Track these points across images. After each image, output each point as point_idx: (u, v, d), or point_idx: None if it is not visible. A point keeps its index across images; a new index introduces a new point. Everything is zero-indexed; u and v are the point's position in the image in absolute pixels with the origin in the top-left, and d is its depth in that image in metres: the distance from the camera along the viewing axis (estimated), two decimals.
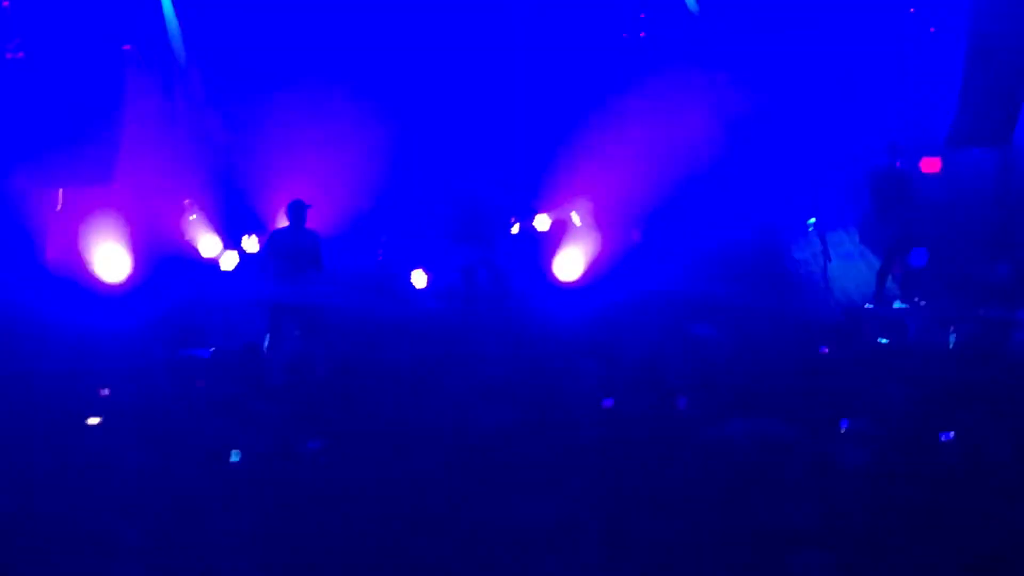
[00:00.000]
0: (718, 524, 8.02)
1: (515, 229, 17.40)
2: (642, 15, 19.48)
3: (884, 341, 13.71)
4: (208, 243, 18.24)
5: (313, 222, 14.75)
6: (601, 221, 18.48)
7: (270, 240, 14.66)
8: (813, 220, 17.59)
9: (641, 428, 9.90)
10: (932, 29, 18.17)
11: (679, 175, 18.01)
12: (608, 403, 10.50)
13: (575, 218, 18.63)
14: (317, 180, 17.54)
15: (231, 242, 18.21)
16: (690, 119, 18.20)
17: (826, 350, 12.97)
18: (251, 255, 17.89)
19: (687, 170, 18.06)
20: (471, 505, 8.33)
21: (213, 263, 18.03)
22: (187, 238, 18.24)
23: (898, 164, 16.79)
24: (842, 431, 9.78)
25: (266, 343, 13.97)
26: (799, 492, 8.50)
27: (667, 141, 18.01)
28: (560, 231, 18.37)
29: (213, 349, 14.05)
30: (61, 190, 17.15)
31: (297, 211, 14.42)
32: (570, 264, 17.66)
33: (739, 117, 18.38)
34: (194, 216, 18.37)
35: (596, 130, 18.29)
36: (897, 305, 15.90)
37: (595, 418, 10.34)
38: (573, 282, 17.49)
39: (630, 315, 15.25)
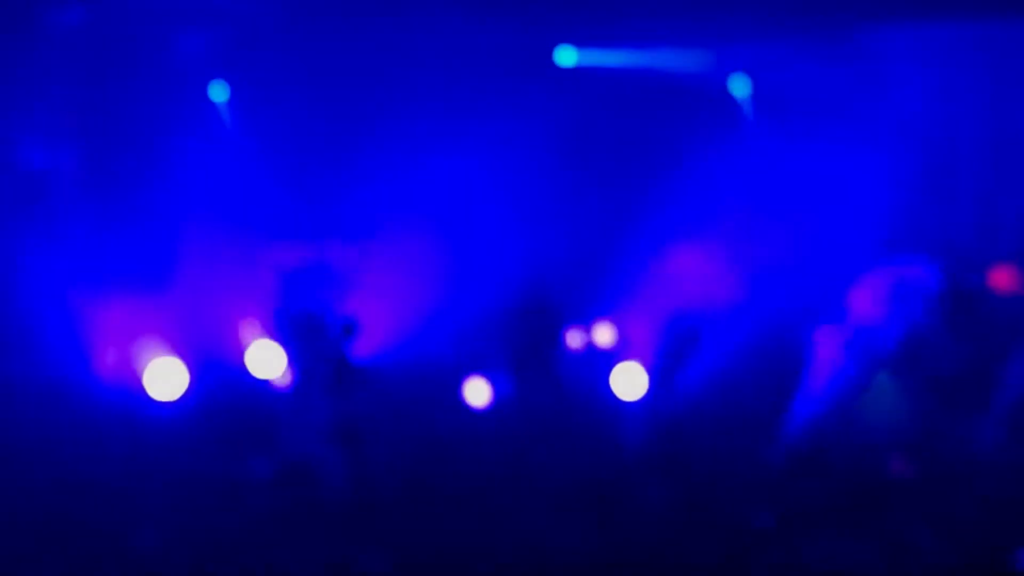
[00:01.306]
0: None
1: (575, 341, 17.15)
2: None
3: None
4: (266, 360, 18.09)
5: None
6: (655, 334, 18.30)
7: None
8: None
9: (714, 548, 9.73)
10: None
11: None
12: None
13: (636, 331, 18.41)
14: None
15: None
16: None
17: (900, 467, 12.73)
18: None
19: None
20: None
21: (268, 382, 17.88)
22: (244, 354, 18.11)
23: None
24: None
25: None
26: None
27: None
28: (621, 344, 18.15)
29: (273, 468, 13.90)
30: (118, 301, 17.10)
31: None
32: (632, 379, 17.41)
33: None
34: (250, 331, 18.24)
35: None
36: None
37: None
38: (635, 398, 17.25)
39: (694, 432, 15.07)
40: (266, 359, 17.89)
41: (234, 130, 17.83)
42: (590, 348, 17.89)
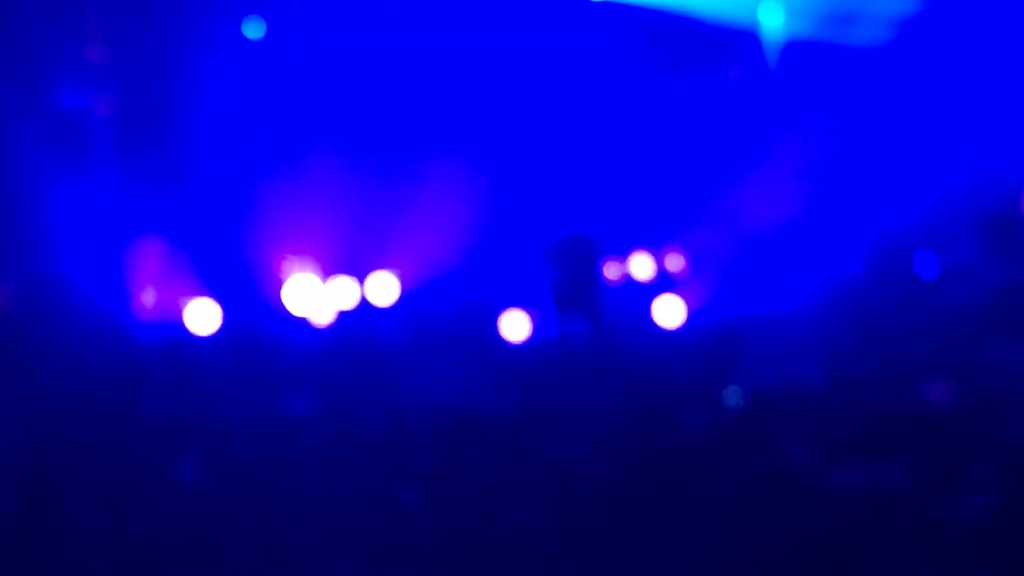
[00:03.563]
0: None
1: (614, 273, 17.11)
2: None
3: None
4: (305, 297, 18.14)
5: None
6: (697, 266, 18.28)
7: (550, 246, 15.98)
8: None
9: (750, 478, 9.72)
10: None
11: (777, 211, 17.72)
12: None
13: (674, 262, 18.38)
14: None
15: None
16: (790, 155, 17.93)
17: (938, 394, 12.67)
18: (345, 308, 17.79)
19: (785, 204, 17.75)
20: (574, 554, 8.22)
21: (307, 319, 17.94)
22: (281, 292, 18.17)
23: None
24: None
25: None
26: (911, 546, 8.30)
27: (765, 180, 17.75)
28: (661, 275, 18.13)
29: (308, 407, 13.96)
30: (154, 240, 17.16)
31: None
32: (673, 309, 17.41)
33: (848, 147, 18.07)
34: (289, 270, 18.29)
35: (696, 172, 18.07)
36: None
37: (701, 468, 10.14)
38: (675, 328, 17.25)
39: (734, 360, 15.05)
40: (305, 296, 17.99)
41: (271, 69, 17.83)
42: (629, 280, 17.91)
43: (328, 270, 18.13)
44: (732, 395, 12.52)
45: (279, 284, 18.16)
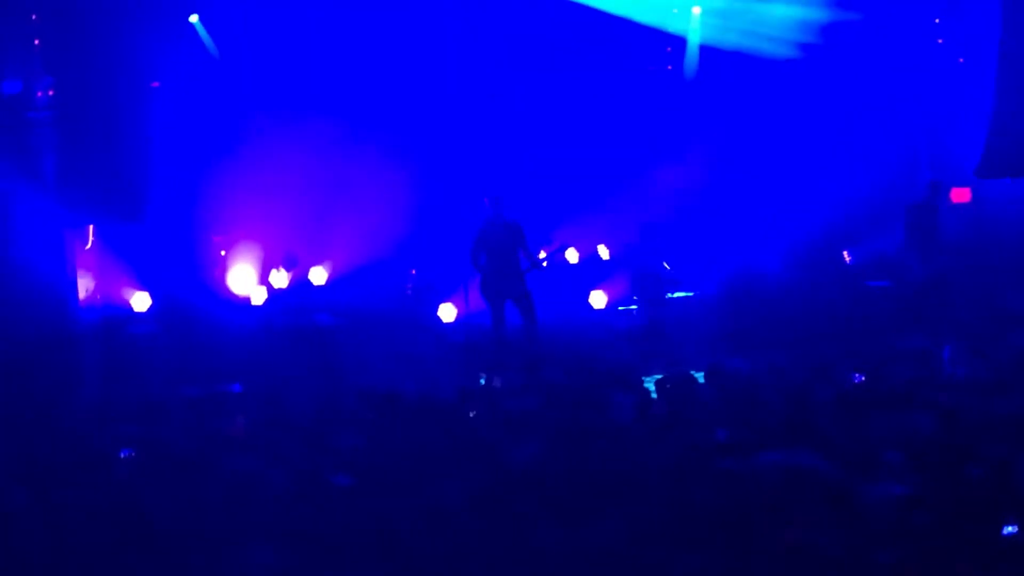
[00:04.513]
0: (736, 554, 8.01)
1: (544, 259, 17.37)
2: (668, 49, 19.56)
3: None
4: (241, 278, 18.26)
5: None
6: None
7: (480, 232, 15.78)
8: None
9: (671, 459, 9.85)
10: (961, 60, 18.14)
11: (705, 207, 18.00)
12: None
13: (603, 251, 18.65)
14: (346, 212, 17.62)
15: (262, 276, 18.25)
16: (715, 151, 18.21)
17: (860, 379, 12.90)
18: (280, 289, 17.93)
19: (712, 202, 18.05)
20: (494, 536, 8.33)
21: (244, 299, 18.06)
22: (219, 274, 18.29)
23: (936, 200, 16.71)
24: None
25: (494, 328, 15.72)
26: (826, 525, 8.45)
27: (689, 175, 18.02)
28: (591, 262, 18.38)
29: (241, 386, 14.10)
30: (92, 227, 17.20)
31: (497, 200, 15.81)
32: (598, 294, 17.69)
33: (766, 149, 18.38)
34: (224, 252, 18.41)
35: (621, 163, 18.33)
36: None
37: (623, 450, 10.28)
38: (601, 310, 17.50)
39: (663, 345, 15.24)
40: (246, 280, 18.13)
41: (216, 57, 17.91)
42: (556, 267, 18.15)
43: (264, 254, 18.28)
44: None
45: (216, 267, 18.31)
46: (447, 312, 17.63)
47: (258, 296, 18.03)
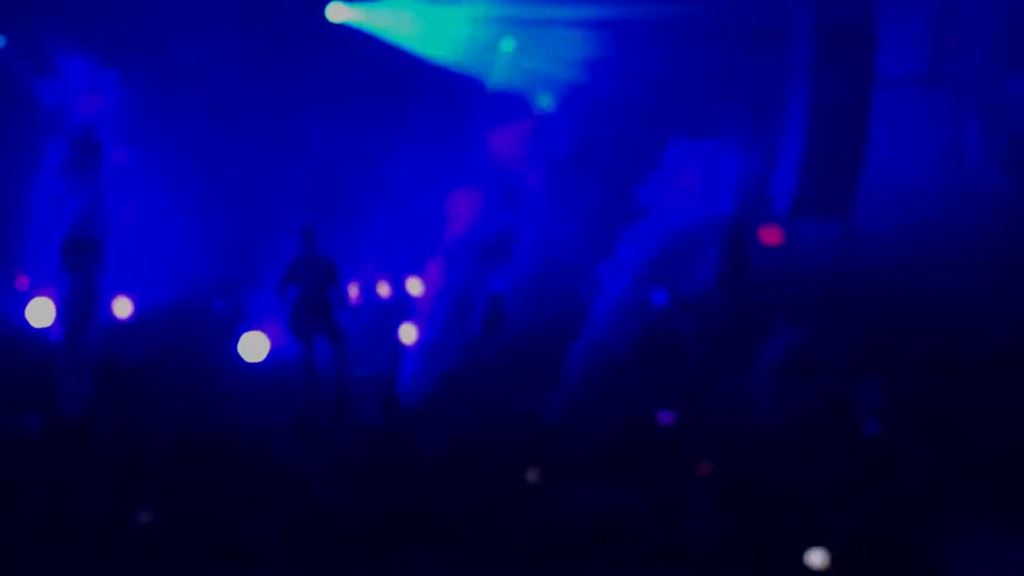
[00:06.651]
0: None
1: (354, 294, 17.18)
2: None
3: None
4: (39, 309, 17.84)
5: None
6: None
7: (291, 267, 15.36)
8: None
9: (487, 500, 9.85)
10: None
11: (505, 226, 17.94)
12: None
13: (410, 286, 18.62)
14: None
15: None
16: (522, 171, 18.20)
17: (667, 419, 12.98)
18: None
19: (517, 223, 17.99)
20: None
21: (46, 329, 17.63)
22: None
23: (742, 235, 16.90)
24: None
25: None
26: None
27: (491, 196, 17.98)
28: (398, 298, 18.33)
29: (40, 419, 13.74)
30: None
31: (310, 235, 15.38)
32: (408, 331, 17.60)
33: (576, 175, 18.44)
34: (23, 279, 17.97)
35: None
36: None
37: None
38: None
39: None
40: (44, 311, 17.67)
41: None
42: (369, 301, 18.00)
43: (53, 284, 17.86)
44: None
45: (17, 297, 17.86)
46: (254, 345, 17.30)
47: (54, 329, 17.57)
